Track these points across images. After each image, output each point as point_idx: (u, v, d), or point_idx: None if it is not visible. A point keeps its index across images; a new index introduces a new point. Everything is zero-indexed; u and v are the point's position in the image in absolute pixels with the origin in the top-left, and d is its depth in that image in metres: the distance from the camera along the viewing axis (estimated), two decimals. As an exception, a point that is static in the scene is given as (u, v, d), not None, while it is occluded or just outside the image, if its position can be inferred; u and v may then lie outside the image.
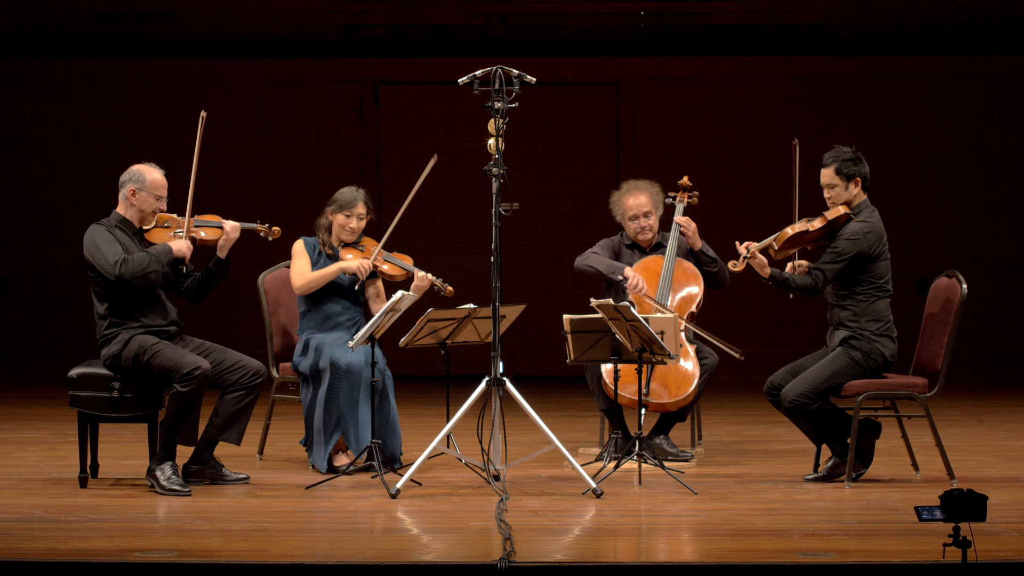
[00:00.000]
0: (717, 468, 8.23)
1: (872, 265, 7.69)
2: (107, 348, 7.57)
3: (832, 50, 13.13)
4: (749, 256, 7.69)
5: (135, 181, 7.66)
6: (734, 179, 13.21)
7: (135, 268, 7.51)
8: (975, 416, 10.51)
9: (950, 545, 5.52)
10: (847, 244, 7.66)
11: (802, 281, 7.73)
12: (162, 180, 7.70)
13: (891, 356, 7.69)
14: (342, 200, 8.22)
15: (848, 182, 7.75)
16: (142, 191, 7.65)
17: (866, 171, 7.78)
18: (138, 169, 7.70)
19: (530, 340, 12.72)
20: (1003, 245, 13.37)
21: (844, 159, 7.75)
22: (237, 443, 7.68)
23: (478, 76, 7.40)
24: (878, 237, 7.70)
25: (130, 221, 7.68)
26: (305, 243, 8.27)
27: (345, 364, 7.86)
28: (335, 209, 8.22)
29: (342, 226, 8.20)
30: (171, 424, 7.47)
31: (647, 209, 8.50)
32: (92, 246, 7.57)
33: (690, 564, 6.01)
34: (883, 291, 7.72)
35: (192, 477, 7.64)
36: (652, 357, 7.58)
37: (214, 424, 7.64)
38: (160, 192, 7.68)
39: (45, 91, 13.30)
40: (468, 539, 6.48)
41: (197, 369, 7.44)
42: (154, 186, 7.67)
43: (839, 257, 7.66)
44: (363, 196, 8.24)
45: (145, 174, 7.67)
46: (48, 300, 13.36)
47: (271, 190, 13.25)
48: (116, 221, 7.67)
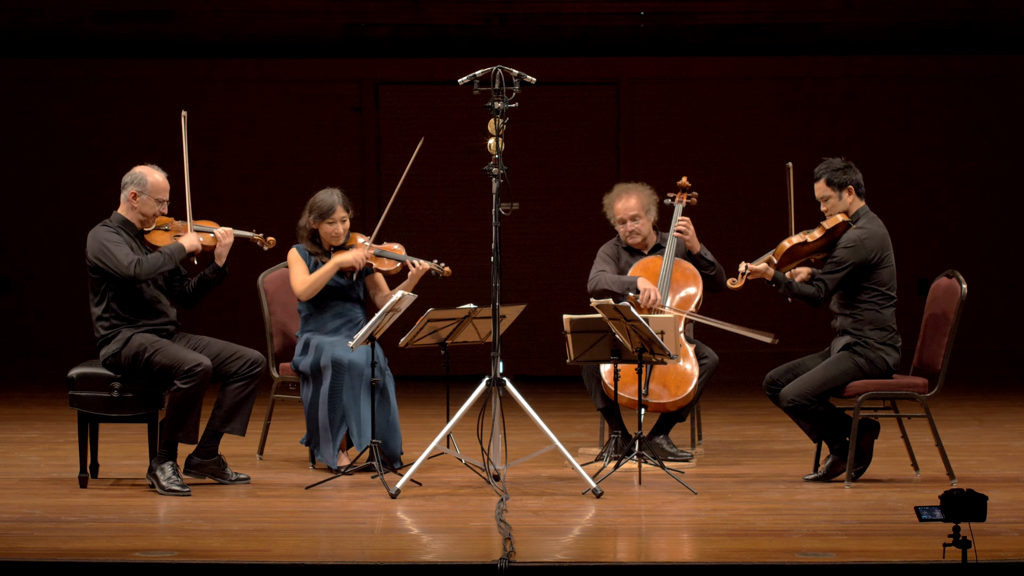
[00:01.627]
0: (717, 468, 8.23)
1: (874, 272, 7.68)
2: (106, 348, 7.56)
3: (832, 50, 13.13)
4: (748, 274, 7.70)
5: (137, 184, 7.64)
6: (734, 179, 13.20)
7: (150, 268, 7.49)
8: (975, 416, 10.51)
9: (950, 545, 5.52)
10: (846, 252, 7.65)
11: (805, 289, 7.71)
12: (164, 183, 7.68)
13: (894, 365, 7.69)
14: (321, 208, 8.13)
15: (841, 191, 7.77)
16: (143, 194, 7.63)
17: (858, 178, 7.79)
18: (140, 171, 7.68)
19: (530, 340, 12.71)
20: (1003, 245, 13.37)
21: (833, 169, 7.78)
22: (242, 433, 7.66)
23: (478, 76, 7.40)
24: (879, 243, 7.69)
25: (131, 223, 7.67)
26: (299, 251, 8.22)
27: (347, 361, 7.86)
28: (316, 218, 8.14)
29: (328, 233, 8.15)
30: (172, 422, 7.46)
31: (635, 212, 8.49)
32: (101, 248, 7.52)
33: (690, 564, 6.01)
34: (887, 299, 7.70)
35: (194, 469, 7.62)
36: (652, 357, 7.58)
37: (217, 416, 7.62)
38: (162, 195, 7.66)
39: (45, 91, 13.29)
40: (468, 539, 6.48)
41: (199, 366, 7.43)
42: (156, 189, 7.65)
43: (839, 266, 7.65)
44: (340, 199, 8.15)
45: (147, 177, 7.65)
46: (48, 300, 13.35)
47: (271, 190, 13.24)
48: (118, 223, 7.65)
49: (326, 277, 8.12)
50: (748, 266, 7.72)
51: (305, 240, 8.20)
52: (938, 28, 12.76)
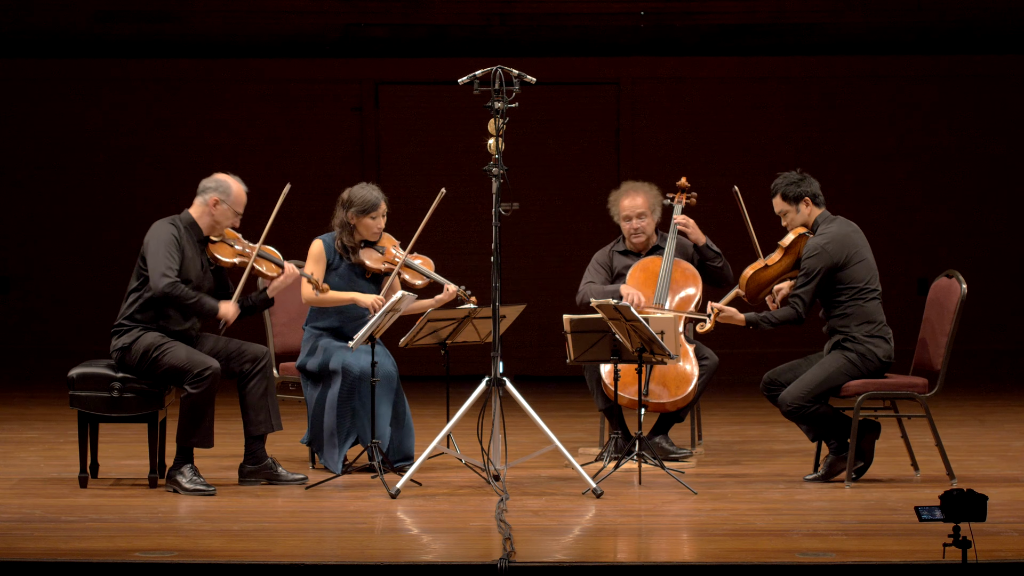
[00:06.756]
0: (717, 468, 8.23)
1: (844, 273, 7.67)
2: (118, 338, 7.52)
3: (832, 50, 13.13)
4: (715, 315, 7.69)
5: (221, 192, 7.57)
6: (734, 180, 13.17)
7: (177, 296, 7.39)
8: (975, 416, 10.51)
9: (950, 545, 5.52)
10: (812, 262, 7.66)
11: (781, 315, 7.71)
12: (244, 197, 7.61)
13: (885, 356, 7.68)
14: (364, 204, 8.02)
15: (797, 204, 7.79)
16: (225, 203, 7.56)
17: (814, 188, 7.80)
18: (225, 180, 7.60)
19: (530, 340, 12.72)
20: (1002, 245, 13.37)
21: (787, 184, 7.81)
22: (279, 427, 7.63)
23: (478, 76, 7.40)
24: (841, 245, 7.67)
25: (199, 227, 7.59)
26: (324, 245, 8.09)
27: (359, 371, 7.79)
28: (357, 212, 8.01)
29: (368, 228, 8.05)
30: (186, 427, 7.42)
31: (641, 210, 8.50)
32: (157, 245, 7.42)
33: (690, 564, 6.01)
34: (867, 292, 7.69)
35: (248, 477, 7.61)
36: (652, 357, 7.58)
37: (250, 422, 7.57)
38: (240, 209, 7.60)
39: (45, 91, 13.29)
40: (468, 539, 6.48)
41: (207, 369, 7.40)
42: (238, 201, 7.59)
43: (809, 278, 7.65)
44: (381, 193, 8.10)
45: (232, 186, 7.58)
46: (48, 300, 13.35)
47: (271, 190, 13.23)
48: (186, 223, 7.57)
49: (335, 303, 8.00)
50: (715, 307, 7.71)
51: (345, 236, 8.04)
52: (938, 28, 12.76)
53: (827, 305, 7.74)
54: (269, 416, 7.60)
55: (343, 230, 8.07)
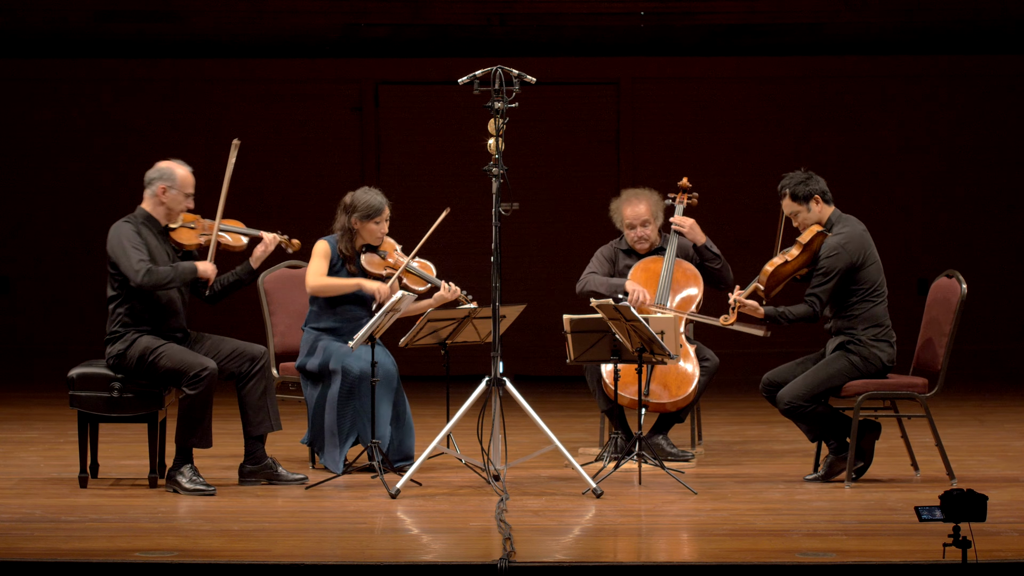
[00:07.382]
0: (717, 468, 8.23)
1: (859, 274, 7.68)
2: (112, 346, 7.53)
3: (832, 50, 13.13)
4: (738, 305, 7.69)
5: (166, 179, 7.58)
6: (734, 179, 13.20)
7: (157, 280, 7.42)
8: (975, 416, 10.51)
9: (950, 545, 5.52)
10: (830, 261, 7.65)
11: (799, 311, 7.71)
12: (191, 177, 7.62)
13: (889, 361, 7.68)
14: (369, 208, 7.99)
15: (807, 203, 7.78)
16: (173, 189, 7.58)
17: (821, 186, 7.79)
18: (167, 166, 7.62)
19: (530, 340, 12.71)
20: (1003, 245, 13.37)
21: (795, 183, 7.79)
22: (278, 427, 7.64)
23: (478, 76, 7.40)
24: (859, 245, 7.68)
25: (156, 219, 7.59)
26: (329, 244, 8.08)
27: (359, 371, 7.79)
28: (361, 217, 7.98)
29: (372, 233, 8.03)
30: (185, 428, 7.43)
31: (645, 218, 8.48)
32: (118, 246, 7.46)
33: (690, 564, 6.01)
34: (877, 295, 7.70)
35: (248, 477, 7.62)
36: (652, 357, 7.58)
37: (248, 422, 7.58)
38: (190, 190, 7.61)
39: (45, 91, 13.29)
40: (468, 539, 6.48)
41: (204, 370, 7.41)
42: (184, 184, 7.60)
43: (827, 277, 7.65)
44: (385, 198, 8.08)
45: (175, 171, 7.60)
46: (48, 300, 13.35)
47: (270, 190, 13.24)
48: (142, 218, 7.58)
49: (342, 291, 8.01)
50: (736, 298, 7.72)
51: (345, 240, 8.03)
52: (938, 28, 12.76)
53: (838, 304, 7.73)
54: (268, 416, 7.60)
55: (343, 235, 8.06)
